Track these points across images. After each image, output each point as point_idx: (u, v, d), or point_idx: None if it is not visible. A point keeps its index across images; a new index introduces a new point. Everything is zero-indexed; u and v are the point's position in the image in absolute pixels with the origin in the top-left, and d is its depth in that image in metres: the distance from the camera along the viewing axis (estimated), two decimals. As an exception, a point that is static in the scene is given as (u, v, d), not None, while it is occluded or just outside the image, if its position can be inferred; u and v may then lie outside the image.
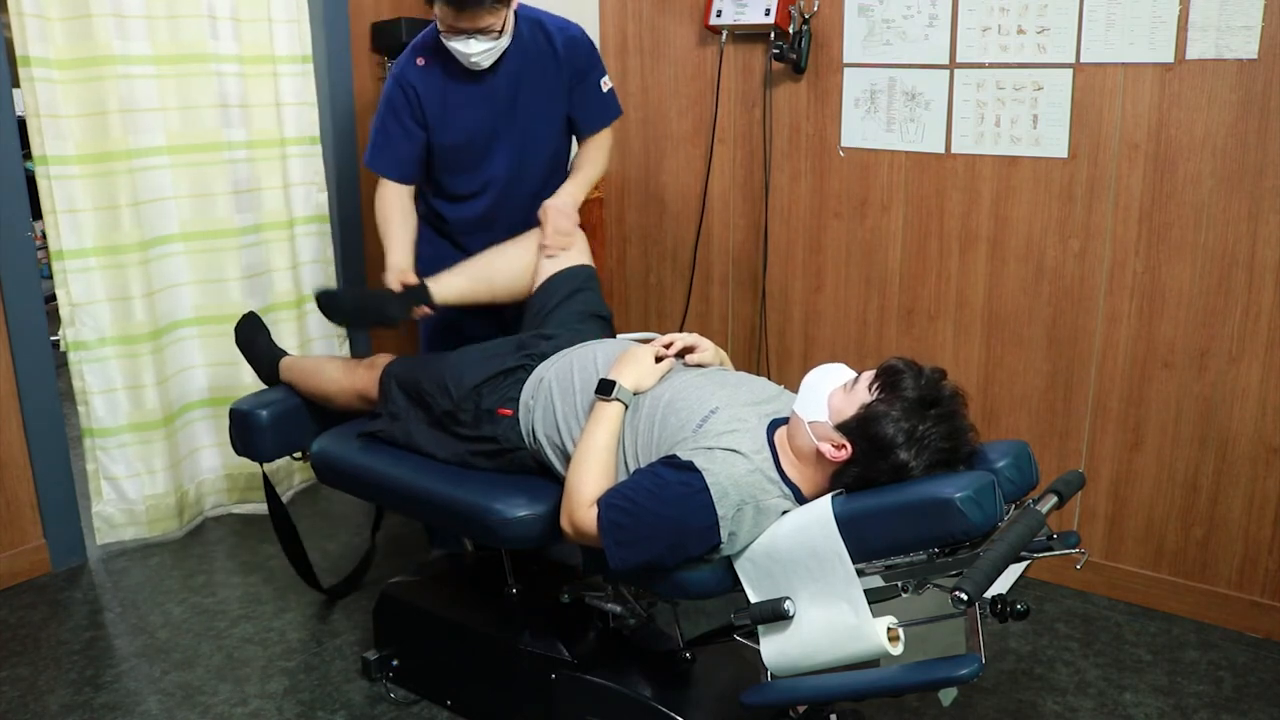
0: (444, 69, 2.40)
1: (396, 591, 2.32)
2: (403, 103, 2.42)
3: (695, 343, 1.99)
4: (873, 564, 1.58)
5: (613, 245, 3.39)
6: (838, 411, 1.67)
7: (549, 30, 2.47)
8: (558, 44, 2.47)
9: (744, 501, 1.64)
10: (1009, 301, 2.69)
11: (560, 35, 2.47)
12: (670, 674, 1.99)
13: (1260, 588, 2.49)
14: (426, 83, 2.41)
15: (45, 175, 2.70)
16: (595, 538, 1.71)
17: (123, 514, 2.97)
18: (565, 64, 2.48)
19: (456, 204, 2.56)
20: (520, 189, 2.54)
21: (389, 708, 2.26)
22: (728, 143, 3.06)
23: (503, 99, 2.44)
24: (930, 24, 2.65)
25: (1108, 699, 2.27)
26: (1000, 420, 2.76)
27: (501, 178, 2.52)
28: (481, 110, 2.44)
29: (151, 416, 2.97)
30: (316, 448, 2.26)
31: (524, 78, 2.44)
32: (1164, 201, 2.44)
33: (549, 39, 2.46)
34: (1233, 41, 2.28)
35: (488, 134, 2.46)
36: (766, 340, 3.11)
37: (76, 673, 2.40)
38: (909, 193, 2.79)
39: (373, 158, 2.50)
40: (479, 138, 2.46)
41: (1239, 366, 2.42)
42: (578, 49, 2.50)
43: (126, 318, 2.88)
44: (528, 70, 2.44)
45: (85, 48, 2.69)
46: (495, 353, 2.17)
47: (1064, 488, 1.64)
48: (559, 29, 2.48)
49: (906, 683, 1.49)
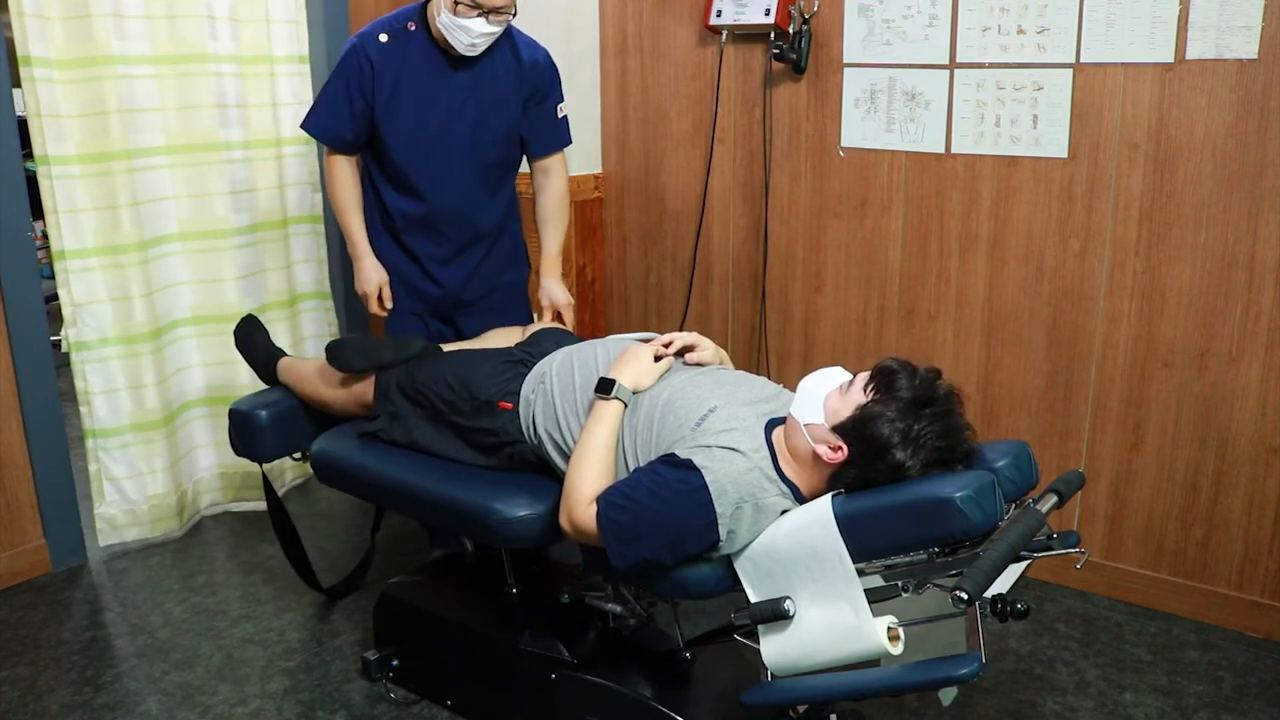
0: (404, 53, 2.39)
1: (396, 591, 2.32)
2: (355, 71, 2.40)
3: (694, 342, 1.99)
4: (873, 564, 1.58)
5: (613, 245, 3.39)
6: (834, 413, 1.67)
7: (517, 45, 2.48)
8: (524, 60, 2.48)
9: (743, 499, 1.64)
10: (1009, 301, 2.69)
11: (527, 53, 2.49)
12: (670, 674, 1.99)
13: (1260, 588, 2.49)
14: (384, 60, 2.39)
15: (46, 175, 2.70)
16: (594, 536, 1.71)
17: (125, 514, 2.98)
18: (527, 81, 2.49)
19: (399, 196, 2.53)
20: (463, 193, 2.52)
21: (389, 708, 2.26)
22: (728, 143, 3.06)
23: (457, 98, 2.43)
24: (930, 24, 2.66)
25: (1108, 699, 2.27)
26: (1000, 420, 2.76)
27: (443, 177, 2.49)
28: (431, 105, 2.43)
29: (152, 416, 2.97)
30: (316, 448, 2.26)
31: (481, 84, 2.44)
32: (1164, 201, 2.44)
33: (515, 53, 2.47)
34: (1233, 41, 2.28)
35: (434, 130, 2.45)
36: (766, 340, 3.11)
37: (76, 673, 2.40)
38: (909, 193, 2.79)
39: (312, 120, 2.48)
40: (424, 131, 2.44)
41: (1239, 366, 2.42)
42: (541, 70, 2.52)
43: (127, 317, 2.89)
44: (486, 78, 2.44)
45: (85, 48, 2.69)
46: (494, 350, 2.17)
47: (1064, 487, 1.64)
48: (527, 46, 2.50)
49: (906, 682, 1.49)
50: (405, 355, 2.23)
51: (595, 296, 3.41)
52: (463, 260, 2.60)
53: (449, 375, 2.11)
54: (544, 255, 2.66)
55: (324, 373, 2.34)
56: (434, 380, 2.12)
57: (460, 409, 2.08)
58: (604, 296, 3.44)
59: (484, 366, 2.11)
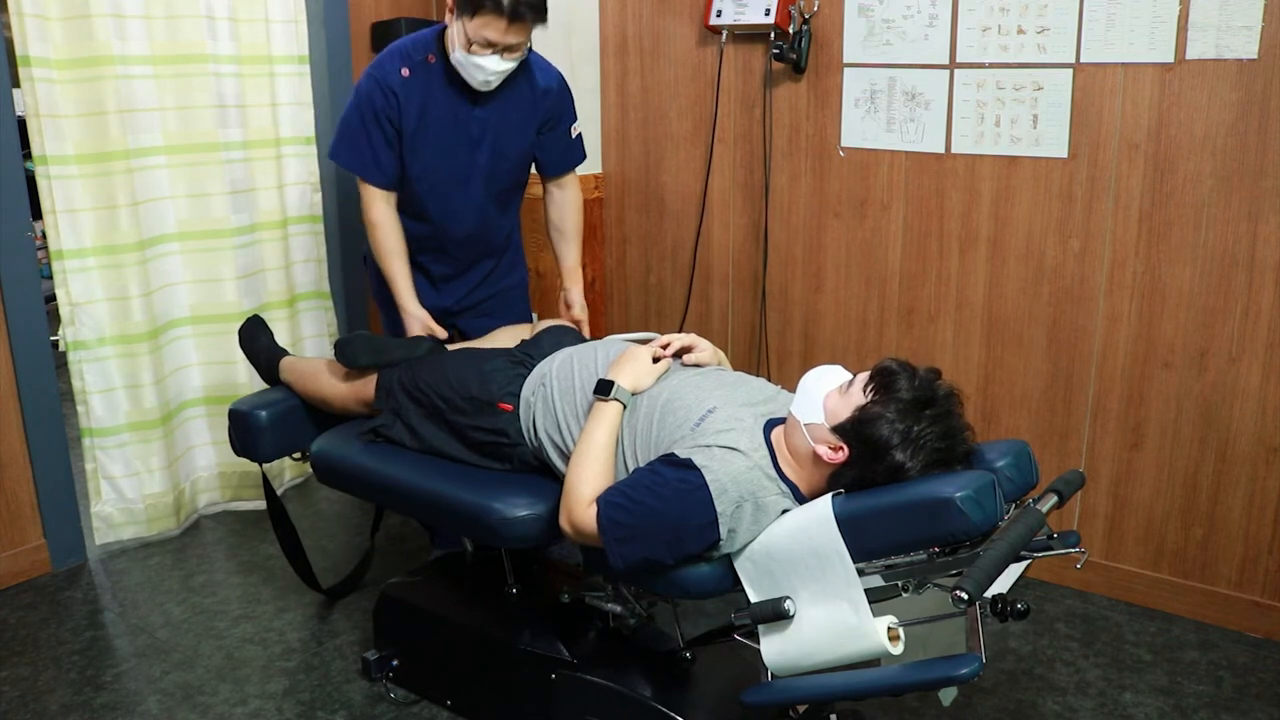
0: (426, 88, 2.36)
1: (396, 591, 2.32)
2: (383, 106, 2.34)
3: (693, 343, 1.99)
4: (873, 563, 1.58)
5: (612, 245, 3.39)
6: (833, 414, 1.67)
7: (532, 71, 2.44)
8: (538, 86, 2.45)
9: (743, 498, 1.64)
10: (1009, 301, 2.69)
11: (542, 78, 2.46)
12: (670, 674, 1.98)
13: (1260, 588, 2.49)
14: (408, 94, 2.35)
15: (45, 175, 2.70)
16: (595, 536, 1.71)
17: (122, 513, 2.98)
18: (541, 108, 2.47)
19: (414, 221, 2.52)
20: (477, 219, 2.53)
21: (389, 708, 2.26)
22: (728, 143, 3.06)
23: (476, 130, 2.42)
24: (930, 24, 2.66)
25: (1108, 699, 2.27)
26: (1000, 420, 2.76)
27: (460, 207, 2.50)
28: (454, 137, 2.41)
29: (150, 415, 2.97)
30: (316, 448, 2.25)
31: (499, 115, 2.42)
32: (1164, 201, 2.44)
33: (530, 79, 2.44)
34: (1233, 41, 2.28)
35: (456, 162, 2.44)
36: (766, 340, 3.11)
37: (76, 673, 2.40)
38: (909, 193, 2.79)
39: (357, 161, 2.40)
40: (446, 163, 2.44)
41: (1239, 366, 2.42)
42: (557, 95, 2.50)
43: (125, 317, 2.89)
44: (504, 108, 2.42)
45: (84, 48, 2.69)
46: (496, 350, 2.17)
47: (1064, 487, 1.64)
48: (542, 70, 2.47)
49: (906, 682, 1.49)
50: (413, 354, 2.24)
51: (595, 296, 3.40)
52: (470, 274, 2.63)
53: (450, 375, 2.12)
54: (564, 268, 2.66)
55: (328, 369, 2.34)
56: (436, 379, 2.12)
57: (461, 408, 2.08)
58: (604, 296, 3.44)
59: (485, 367, 2.11)
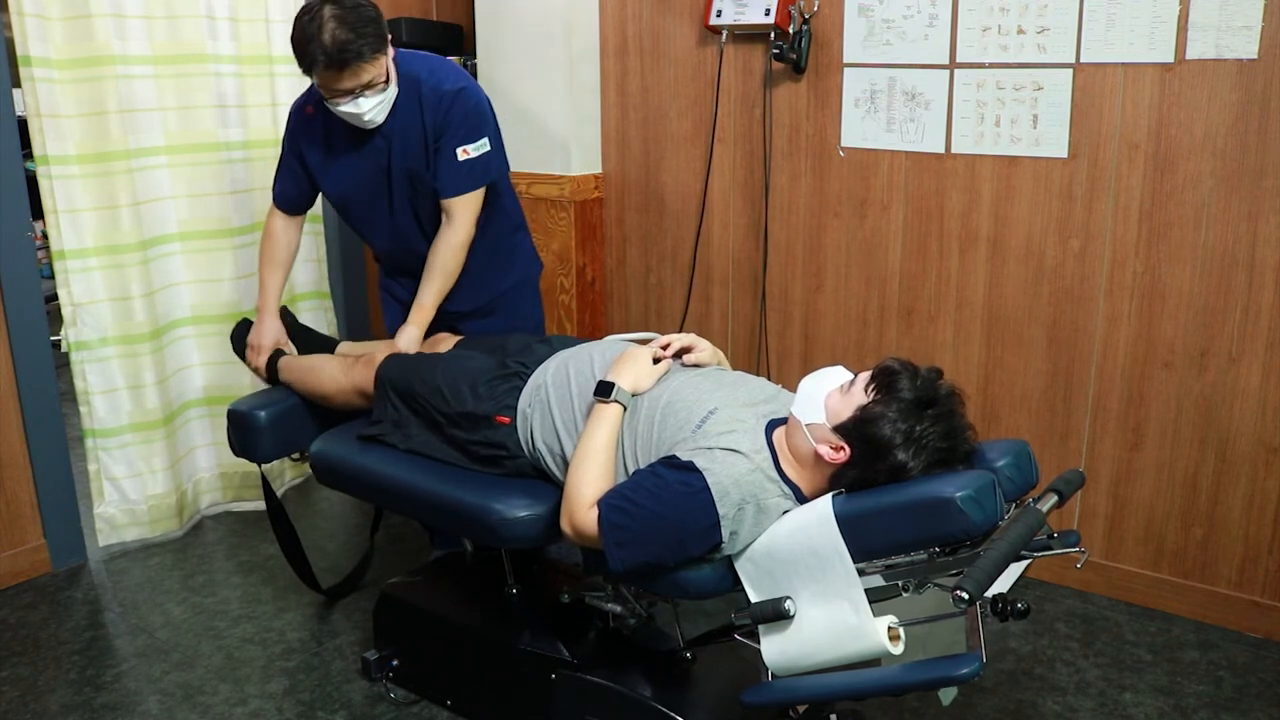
0: (325, 123, 2.36)
1: (396, 591, 2.32)
2: (290, 140, 2.45)
3: (693, 343, 1.98)
4: (873, 563, 1.58)
5: (613, 245, 3.39)
6: (835, 413, 1.67)
7: (421, 87, 2.32)
8: (425, 102, 2.31)
9: (745, 501, 1.64)
10: (1009, 301, 2.69)
11: (431, 94, 2.31)
12: (670, 674, 1.98)
13: (1260, 588, 2.49)
14: (309, 133, 2.40)
15: (46, 175, 2.70)
16: (596, 539, 1.71)
17: (124, 514, 2.98)
18: (428, 123, 2.32)
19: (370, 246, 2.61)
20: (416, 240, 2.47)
21: (389, 708, 2.26)
22: (728, 143, 3.06)
23: (381, 157, 2.36)
24: (930, 24, 2.66)
25: (1108, 699, 2.27)
26: (1000, 420, 2.76)
27: (391, 231, 2.48)
28: (360, 164, 2.38)
29: (152, 416, 2.97)
30: (315, 448, 2.25)
31: (400, 134, 2.34)
32: (1164, 201, 2.44)
33: (419, 96, 2.31)
34: (1233, 41, 2.28)
35: (373, 188, 2.41)
36: (766, 340, 3.11)
37: (76, 673, 2.40)
38: (909, 193, 2.79)
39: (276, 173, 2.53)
40: (362, 190, 2.42)
41: (1239, 366, 2.42)
42: (442, 108, 2.31)
43: (127, 317, 2.89)
44: (404, 127, 2.33)
45: (85, 48, 2.69)
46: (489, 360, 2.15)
47: (1064, 487, 1.64)
48: (431, 86, 2.31)
49: (907, 682, 1.49)
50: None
51: (595, 296, 3.41)
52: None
53: (444, 386, 2.08)
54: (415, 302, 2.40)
55: (326, 365, 2.34)
56: (429, 390, 2.10)
57: (459, 423, 2.06)
58: (604, 296, 3.44)
59: (479, 379, 2.08)
